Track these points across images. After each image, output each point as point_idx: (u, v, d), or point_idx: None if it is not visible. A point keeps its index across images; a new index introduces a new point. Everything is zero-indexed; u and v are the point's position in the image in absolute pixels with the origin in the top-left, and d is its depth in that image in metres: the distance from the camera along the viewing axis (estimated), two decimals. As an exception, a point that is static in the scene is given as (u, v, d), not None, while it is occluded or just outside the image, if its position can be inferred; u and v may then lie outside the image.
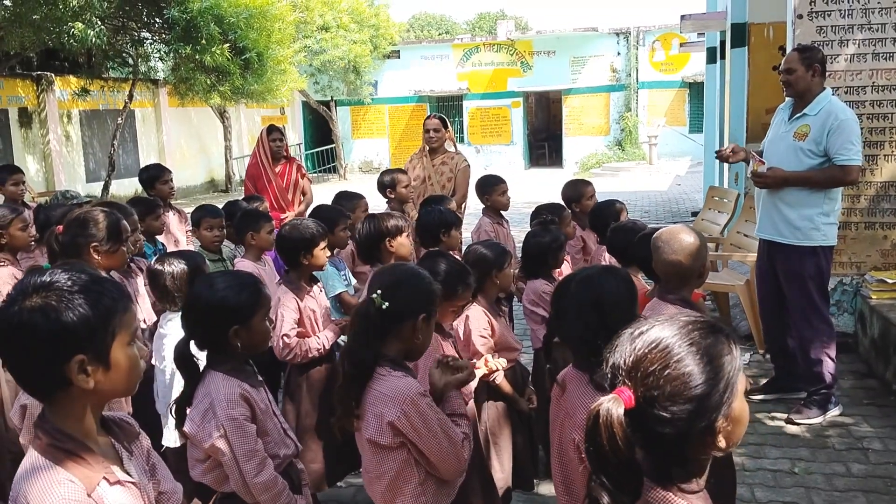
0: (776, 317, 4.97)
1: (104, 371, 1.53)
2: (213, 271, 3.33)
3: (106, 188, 16.30)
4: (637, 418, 1.34)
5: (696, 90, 23.85)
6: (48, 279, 1.51)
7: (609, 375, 1.41)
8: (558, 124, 27.60)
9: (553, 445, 2.27)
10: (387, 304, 2.30)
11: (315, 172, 25.92)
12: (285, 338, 3.60)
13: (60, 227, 3.37)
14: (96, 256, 3.21)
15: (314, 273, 3.89)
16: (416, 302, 2.36)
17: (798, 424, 4.66)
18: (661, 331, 1.39)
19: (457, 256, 3.70)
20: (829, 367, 4.68)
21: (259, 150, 6.69)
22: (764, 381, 5.23)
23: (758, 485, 4.00)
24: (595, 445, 1.34)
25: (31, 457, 1.50)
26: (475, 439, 2.78)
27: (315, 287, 3.86)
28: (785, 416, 4.77)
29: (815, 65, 4.50)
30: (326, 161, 26.48)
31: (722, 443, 1.37)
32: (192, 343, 2.46)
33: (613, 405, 1.33)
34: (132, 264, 4.04)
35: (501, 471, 3.44)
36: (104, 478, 1.50)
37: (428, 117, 6.54)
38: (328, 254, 3.90)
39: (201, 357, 2.52)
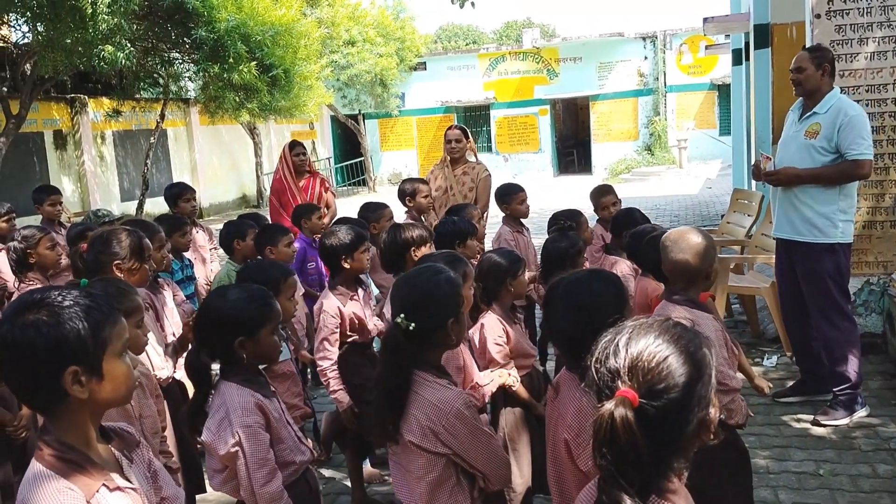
0: (799, 318, 4.94)
1: (97, 381, 1.60)
2: (228, 284, 3.40)
3: (140, 207, 16.61)
4: (639, 416, 1.37)
5: (725, 92, 23.63)
6: (39, 296, 1.60)
7: (602, 380, 1.44)
8: (586, 131, 27.52)
9: (548, 446, 2.31)
10: (413, 324, 2.32)
11: (345, 185, 26.15)
12: (325, 342, 3.77)
13: (85, 246, 3.47)
14: (119, 274, 3.28)
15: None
16: (441, 312, 2.38)
17: (824, 426, 4.62)
18: (647, 331, 1.46)
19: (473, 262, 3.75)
20: (853, 365, 4.64)
21: (282, 166, 6.81)
22: (791, 383, 5.19)
23: (781, 487, 3.97)
24: (614, 449, 1.37)
25: (35, 467, 1.58)
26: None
27: (360, 290, 3.97)
28: (811, 418, 4.73)
29: (824, 64, 4.53)
30: (356, 174, 26.70)
31: (709, 433, 1.44)
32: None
33: (625, 407, 1.37)
34: (160, 279, 4.15)
35: (521, 476, 3.47)
36: (104, 485, 1.58)
37: (449, 128, 6.62)
38: (369, 256, 4.02)
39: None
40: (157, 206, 17.59)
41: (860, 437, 4.47)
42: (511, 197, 5.35)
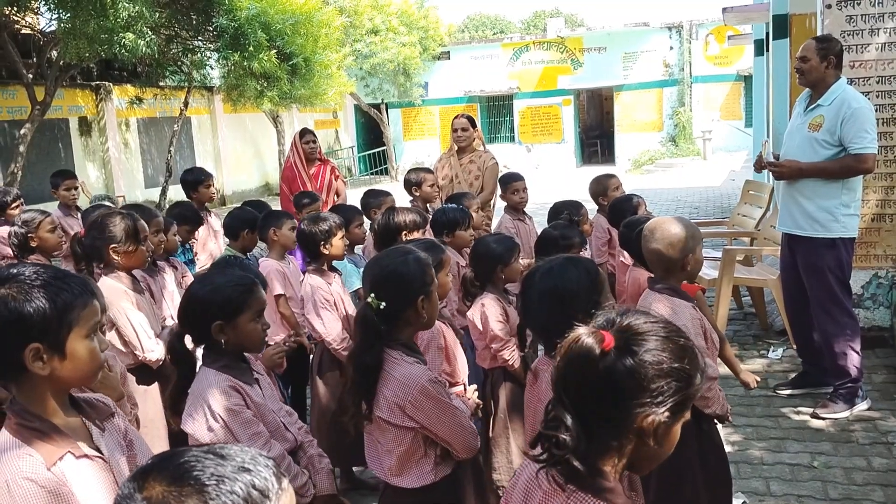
0: (802, 311, 4.90)
1: (60, 360, 1.64)
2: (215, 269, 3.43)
3: (164, 193, 16.80)
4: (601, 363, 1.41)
5: (751, 83, 23.34)
6: (14, 272, 1.64)
7: (597, 320, 1.49)
8: (610, 121, 27.35)
9: (527, 430, 2.34)
10: (383, 303, 2.39)
11: (367, 175, 26.22)
12: (325, 312, 3.84)
13: (83, 231, 3.55)
14: (116, 257, 3.34)
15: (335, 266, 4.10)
16: (409, 290, 2.44)
17: (823, 419, 4.60)
18: (655, 318, 1.50)
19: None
20: (853, 360, 4.61)
21: (293, 154, 6.88)
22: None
23: (774, 478, 3.97)
24: (566, 381, 1.43)
25: (2, 436, 1.63)
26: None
27: (336, 276, 4.03)
28: (810, 410, 4.71)
29: (830, 56, 4.45)
30: (379, 163, 26.77)
31: (652, 443, 1.42)
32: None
33: (594, 340, 1.41)
34: (164, 261, 4.23)
35: (519, 453, 3.52)
36: (70, 452, 1.62)
37: (456, 117, 6.65)
38: (346, 243, 4.07)
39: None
40: (180, 193, 17.72)
41: (858, 430, 4.44)
42: (505, 186, 5.42)
